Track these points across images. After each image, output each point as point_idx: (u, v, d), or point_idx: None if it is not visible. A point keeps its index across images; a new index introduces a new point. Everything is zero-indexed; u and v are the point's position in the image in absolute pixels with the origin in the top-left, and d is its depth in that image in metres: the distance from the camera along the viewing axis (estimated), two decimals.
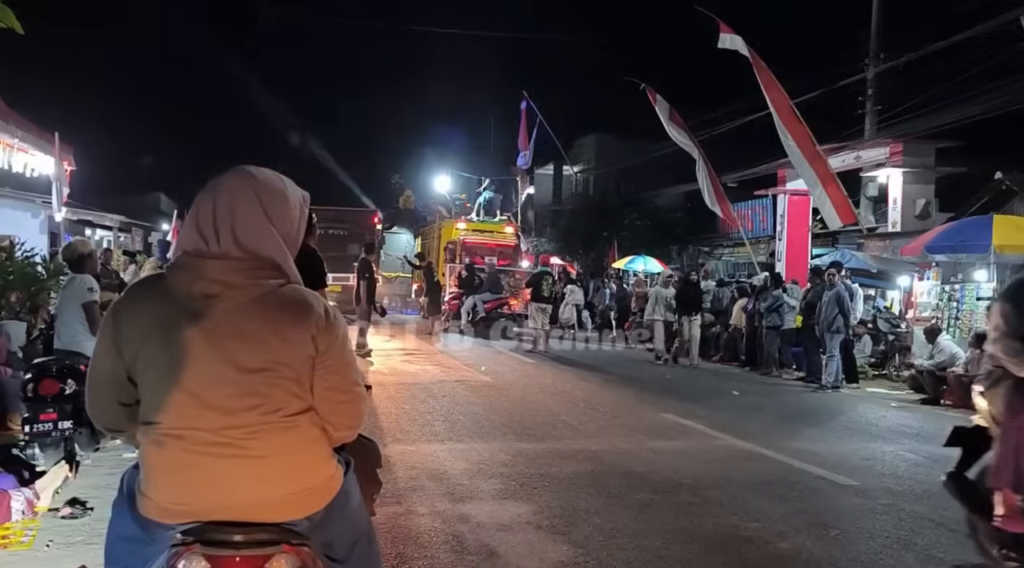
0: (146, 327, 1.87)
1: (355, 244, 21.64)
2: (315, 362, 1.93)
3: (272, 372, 1.88)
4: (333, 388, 1.96)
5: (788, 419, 9.73)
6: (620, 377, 13.00)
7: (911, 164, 18.36)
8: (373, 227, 25.13)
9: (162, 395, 1.85)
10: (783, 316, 14.33)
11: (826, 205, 14.76)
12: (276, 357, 1.88)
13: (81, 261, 6.57)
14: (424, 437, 7.75)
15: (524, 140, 27.86)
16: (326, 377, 1.95)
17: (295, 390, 1.91)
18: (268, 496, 1.87)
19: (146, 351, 1.86)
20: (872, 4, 19.81)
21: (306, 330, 1.90)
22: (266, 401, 1.87)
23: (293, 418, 1.91)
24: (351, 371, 2.01)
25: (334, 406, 1.98)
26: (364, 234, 23.23)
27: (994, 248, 11.75)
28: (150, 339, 1.86)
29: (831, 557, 4.74)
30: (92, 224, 21.41)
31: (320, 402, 1.96)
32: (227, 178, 1.99)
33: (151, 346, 1.86)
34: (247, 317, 1.87)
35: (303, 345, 1.90)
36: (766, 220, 23.29)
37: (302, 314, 1.91)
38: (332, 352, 1.95)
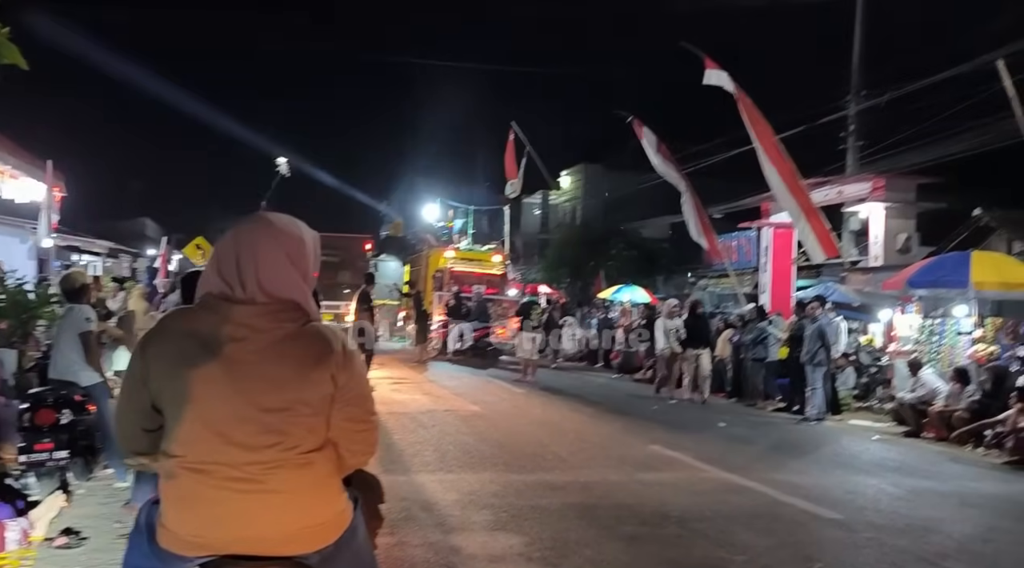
0: (173, 364, 1.96)
1: (346, 271, 21.48)
2: (335, 397, 2.03)
3: (292, 411, 1.98)
4: (351, 419, 2.07)
5: (773, 451, 9.86)
6: (607, 408, 13.10)
7: (892, 199, 18.68)
8: (364, 254, 24.92)
9: (187, 430, 1.95)
10: (768, 348, 14.51)
11: (809, 238, 14.98)
12: (297, 396, 1.98)
13: (79, 292, 6.64)
14: (415, 467, 7.82)
15: (512, 169, 28.10)
16: (344, 409, 2.05)
17: (313, 426, 2.01)
18: (283, 530, 1.96)
19: (171, 386, 1.95)
20: (854, 42, 20.26)
21: (326, 369, 2.01)
22: (285, 438, 1.97)
23: (309, 455, 2.00)
24: (368, 402, 2.13)
25: (352, 435, 2.08)
26: (356, 260, 23.08)
27: (973, 284, 11.97)
28: (176, 376, 1.95)
29: None
30: (80, 250, 21.36)
31: (338, 432, 2.06)
32: (248, 226, 2.10)
33: (177, 382, 1.95)
34: (271, 360, 1.98)
35: (323, 384, 2.01)
36: (751, 252, 23.53)
37: (323, 354, 2.02)
38: (351, 386, 2.05)
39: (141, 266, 28.41)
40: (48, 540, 5.00)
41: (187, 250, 23.39)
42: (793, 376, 13.81)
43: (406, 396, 13.40)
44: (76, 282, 6.69)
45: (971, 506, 7.30)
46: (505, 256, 25.69)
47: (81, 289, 6.63)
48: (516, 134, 27.14)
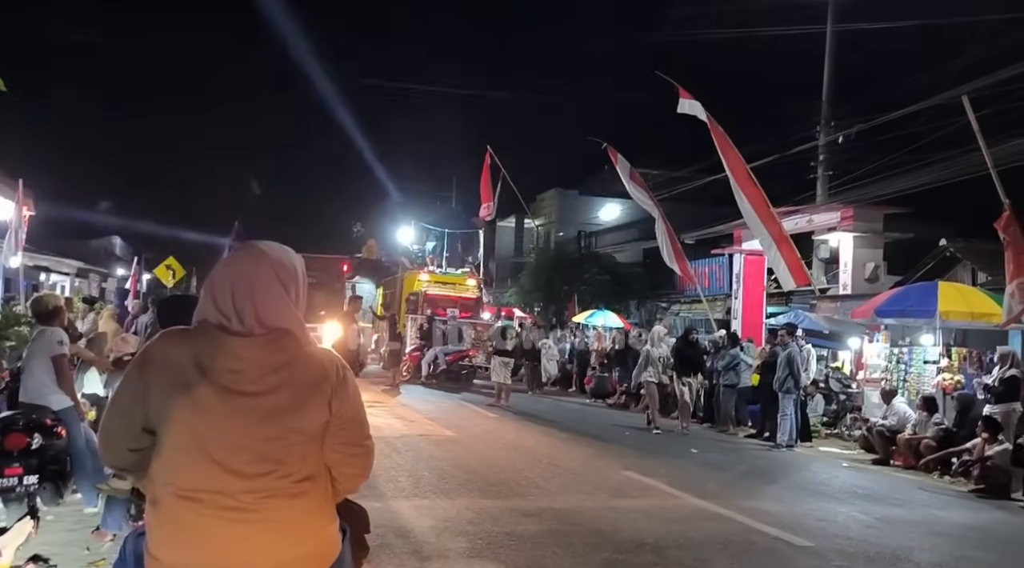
0: (170, 389, 1.95)
1: (322, 292, 20.71)
2: (330, 421, 2.05)
3: (287, 439, 1.99)
4: (346, 443, 2.09)
5: (746, 478, 9.93)
6: (581, 433, 13.12)
7: (861, 229, 19.02)
8: (342, 275, 24.02)
9: (181, 457, 1.94)
10: (740, 374, 14.65)
11: (780, 266, 15.17)
12: (294, 425, 2.00)
13: (51, 314, 6.56)
14: (389, 493, 7.78)
15: (487, 193, 28.22)
16: (340, 433, 2.07)
17: (308, 453, 2.03)
18: (274, 560, 1.97)
19: (167, 410, 1.94)
20: (824, 75, 20.72)
21: (323, 396, 2.04)
22: (280, 466, 1.98)
23: (302, 484, 2.01)
24: (363, 426, 2.14)
25: (346, 458, 2.10)
26: (333, 282, 22.14)
27: (940, 314, 12.21)
28: (172, 401, 1.94)
29: None
30: (49, 270, 21.09)
31: (332, 455, 2.07)
32: (242, 258, 2.12)
33: (173, 408, 1.94)
34: (267, 390, 1.99)
35: (319, 410, 2.03)
36: (722, 278, 23.79)
37: (319, 381, 2.04)
38: (345, 409, 2.08)
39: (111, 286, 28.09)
40: (16, 567, 4.92)
41: (158, 271, 23.20)
42: (764, 402, 13.95)
43: (379, 420, 13.29)
44: (48, 304, 6.61)
45: (939, 535, 7.40)
46: (479, 279, 25.74)
47: (53, 311, 6.55)
48: (492, 158, 27.28)
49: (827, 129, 20.38)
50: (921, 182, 17.22)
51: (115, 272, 33.53)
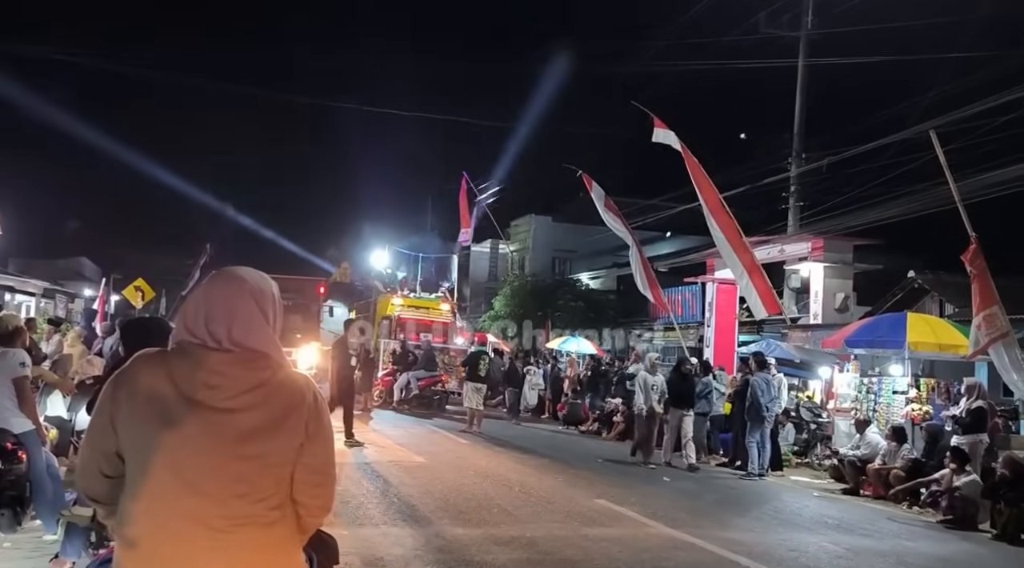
0: (143, 408, 1.92)
1: (298, 315, 20.19)
2: (303, 446, 2.01)
3: (264, 459, 1.96)
4: (314, 471, 2.04)
5: (717, 507, 9.92)
6: (553, 460, 13.05)
7: (831, 259, 19.29)
8: (319, 297, 23.48)
9: (153, 480, 1.89)
10: (712, 402, 14.68)
11: (752, 295, 15.28)
12: (270, 445, 1.96)
13: (11, 335, 6.42)
14: (358, 520, 7.66)
15: (465, 218, 28.29)
16: (309, 461, 2.03)
17: (281, 478, 1.99)
18: None
19: (142, 431, 1.91)
20: (795, 108, 21.09)
21: (300, 417, 2.01)
22: (253, 489, 1.94)
23: (274, 512, 1.97)
24: (331, 454, 2.11)
25: (312, 489, 2.05)
26: (310, 305, 21.74)
27: (909, 344, 12.35)
28: (147, 420, 1.90)
29: None
30: (14, 290, 20.72)
31: (299, 485, 2.03)
32: (220, 283, 2.10)
33: (148, 427, 1.90)
34: (244, 407, 1.96)
35: (296, 432, 2.00)
36: (695, 306, 23.93)
37: (296, 402, 2.02)
38: (319, 436, 2.05)
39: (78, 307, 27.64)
40: None
41: (127, 292, 22.88)
42: (736, 431, 13.98)
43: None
44: (8, 325, 6.46)
45: (907, 565, 7.44)
46: (453, 304, 25.68)
47: (14, 333, 6.40)
48: (468, 184, 27.38)
49: (798, 161, 20.71)
50: (890, 214, 17.53)
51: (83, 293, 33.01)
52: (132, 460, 1.93)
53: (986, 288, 10.48)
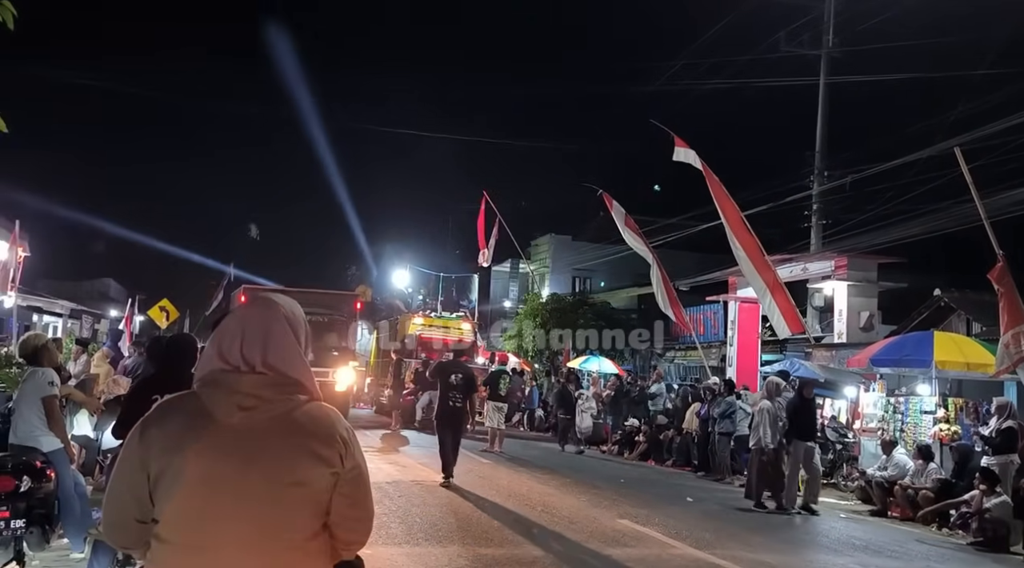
0: (178, 439, 1.92)
1: (334, 334, 19.18)
2: (339, 478, 2.00)
3: (301, 488, 1.95)
4: (352, 504, 2.04)
5: (742, 527, 9.81)
6: (575, 480, 12.98)
7: (855, 278, 19.12)
8: (355, 314, 21.67)
9: (186, 506, 1.89)
10: (736, 422, 14.56)
11: (775, 314, 15.19)
12: (306, 473, 1.95)
13: (36, 354, 6.49)
14: (381, 540, 7.65)
15: (483, 238, 28.34)
16: (347, 493, 2.02)
17: (317, 508, 1.98)
18: None
19: (176, 463, 1.89)
20: (817, 125, 21.03)
21: (334, 447, 2.00)
22: (291, 516, 1.93)
23: (308, 543, 1.96)
24: (367, 486, 2.10)
25: (350, 523, 2.05)
26: (348, 322, 20.24)
27: (936, 363, 12.21)
28: (181, 450, 1.90)
29: None
30: (42, 311, 21.01)
31: (336, 518, 2.02)
32: (255, 308, 2.14)
33: (182, 457, 1.89)
34: (280, 432, 1.96)
35: (331, 461, 1.98)
36: (717, 326, 23.80)
37: (330, 431, 2.01)
38: (355, 469, 2.04)
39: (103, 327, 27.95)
40: None
41: (152, 312, 23.12)
42: None
43: (371, 465, 13.10)
44: (31, 345, 6.56)
45: None
46: (474, 323, 25.67)
47: (37, 351, 6.48)
48: (488, 203, 27.46)
49: (820, 178, 20.61)
50: (915, 232, 17.39)
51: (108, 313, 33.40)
52: (167, 491, 1.90)
53: (1014, 306, 10.34)
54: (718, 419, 14.75)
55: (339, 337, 19.45)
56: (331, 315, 19.70)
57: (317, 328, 18.85)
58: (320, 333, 18.58)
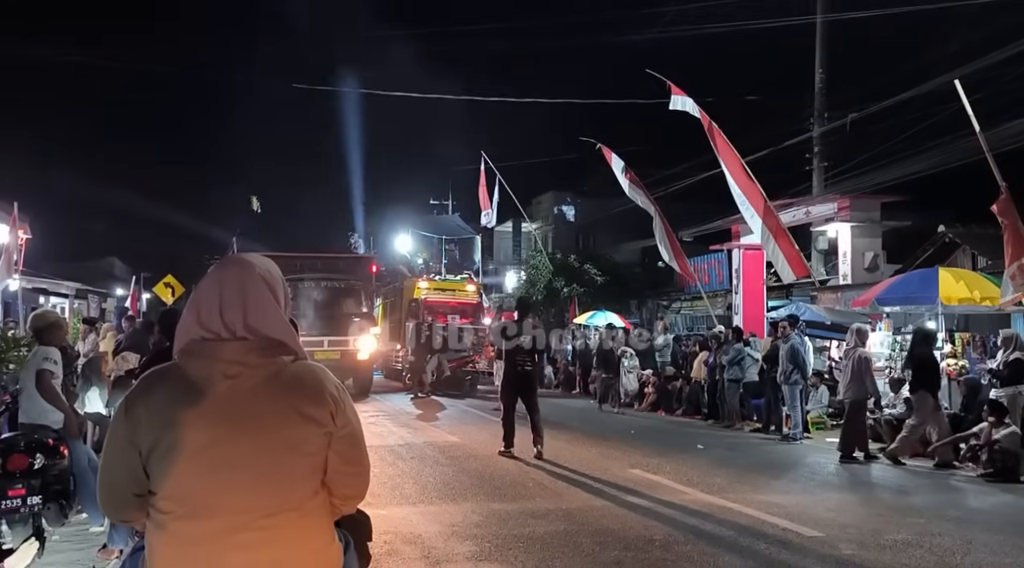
0: (165, 413, 1.89)
1: (351, 299, 18.58)
2: (332, 437, 1.99)
3: (294, 450, 1.93)
4: (347, 461, 2.03)
5: (752, 471, 9.88)
6: (585, 433, 13.08)
7: (858, 219, 19.02)
8: (371, 277, 20.73)
9: (182, 480, 1.88)
10: (744, 369, 14.61)
11: (779, 259, 15.15)
12: (298, 434, 1.94)
13: (39, 334, 6.54)
14: (395, 500, 7.75)
15: (485, 200, 28.24)
16: (341, 450, 2.01)
17: (314, 467, 1.97)
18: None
19: (167, 437, 1.88)
20: (815, 65, 20.72)
21: (324, 406, 1.97)
22: (286, 480, 1.92)
23: (306, 503, 1.96)
24: (362, 443, 2.09)
25: (345, 479, 2.04)
26: (366, 286, 19.46)
27: (941, 300, 12.17)
28: (170, 424, 1.88)
29: None
30: (47, 292, 21.06)
31: (332, 475, 2.01)
32: (229, 269, 2.06)
33: (172, 430, 1.88)
34: (267, 397, 1.94)
35: (322, 420, 1.96)
36: (722, 274, 23.79)
37: (318, 390, 1.99)
38: (347, 426, 2.02)
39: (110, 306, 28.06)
40: None
41: (157, 288, 23.16)
42: (768, 396, 13.92)
43: (383, 429, 13.30)
44: (33, 325, 6.60)
45: (949, 520, 7.36)
46: (478, 285, 25.69)
47: (44, 330, 6.51)
48: (487, 163, 27.31)
49: (820, 120, 20.39)
50: (917, 169, 17.26)
51: (114, 292, 33.51)
52: (160, 466, 1.89)
53: (1018, 237, 10.28)
54: (726, 366, 14.80)
55: (356, 303, 18.83)
56: (347, 280, 19.05)
57: (334, 294, 18.50)
58: (338, 299, 18.41)
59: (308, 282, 18.17)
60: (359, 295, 18.91)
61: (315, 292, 18.23)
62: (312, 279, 18.35)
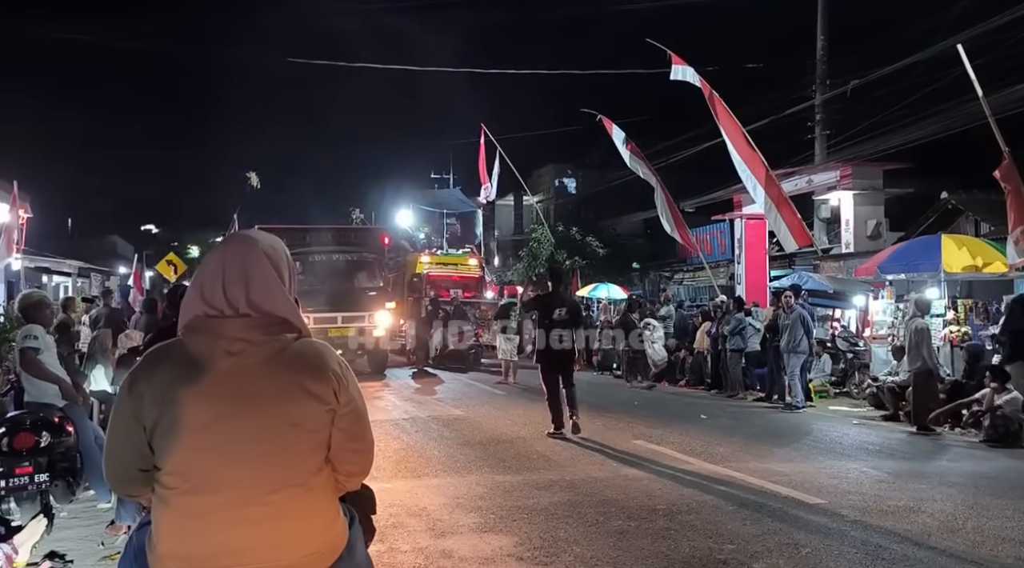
0: (169, 390, 1.90)
1: (364, 272, 17.83)
2: (335, 414, 2.00)
3: (298, 427, 1.94)
4: (351, 438, 2.04)
5: (755, 441, 9.93)
6: (589, 405, 13.00)
7: (860, 186, 18.93)
8: (383, 249, 19.75)
9: (186, 456, 1.89)
10: (746, 339, 14.63)
11: (781, 228, 15.09)
12: (301, 411, 1.94)
13: (25, 313, 6.59)
14: (400, 473, 7.81)
15: (484, 173, 28.10)
16: (345, 427, 2.02)
17: (318, 443, 1.98)
18: (282, 558, 1.92)
19: (170, 413, 1.89)
20: (817, 32, 20.51)
21: (327, 383, 1.98)
22: (290, 457, 1.93)
23: (310, 478, 1.97)
24: (366, 420, 2.09)
25: (349, 455, 2.05)
26: (379, 259, 18.57)
27: (943, 267, 12.15)
28: (173, 401, 1.89)
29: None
30: (50, 271, 21.07)
31: (336, 452, 2.02)
32: (233, 245, 2.08)
33: (175, 407, 1.88)
34: (270, 374, 1.94)
35: (325, 398, 1.97)
36: (724, 244, 23.75)
37: (321, 367, 1.99)
38: (350, 403, 2.03)
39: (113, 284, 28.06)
40: (32, 565, 4.94)
41: (160, 266, 23.23)
42: (771, 366, 13.95)
43: (387, 402, 13.36)
44: (20, 304, 6.69)
45: (951, 485, 7.40)
46: (480, 259, 25.65)
47: (26, 309, 6.56)
48: (487, 136, 27.14)
49: (822, 88, 20.22)
50: (920, 135, 17.14)
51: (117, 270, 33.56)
52: (164, 441, 1.90)
53: (1021, 202, 10.25)
54: (728, 337, 14.81)
55: (370, 276, 18.07)
56: (360, 253, 18.27)
57: (346, 267, 17.68)
58: (351, 273, 17.62)
59: (319, 255, 17.42)
60: (372, 268, 18.13)
61: (326, 266, 17.45)
62: (323, 252, 17.57)
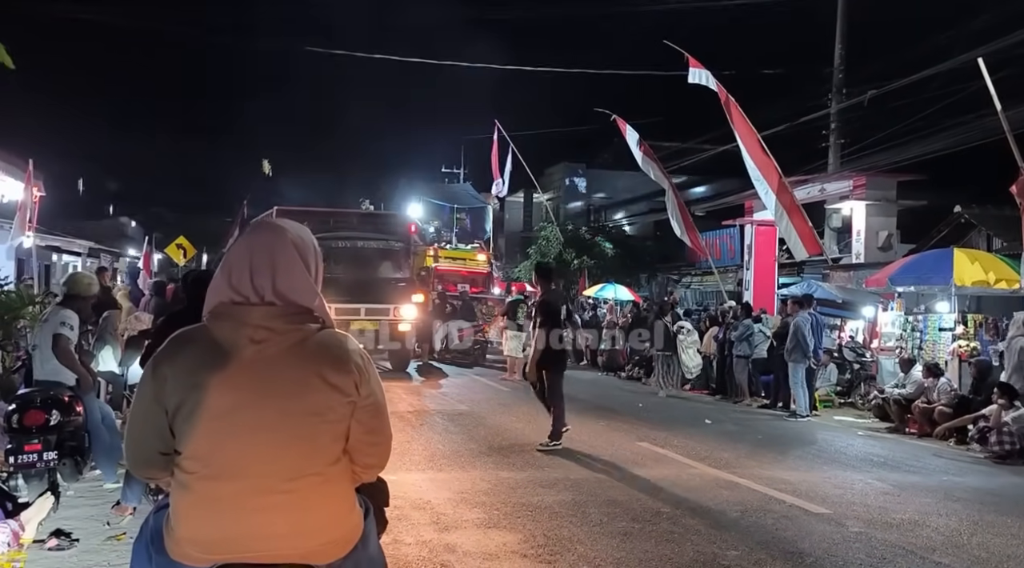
0: (191, 375, 1.91)
1: (389, 262, 16.45)
2: (355, 407, 2.01)
3: (318, 417, 1.95)
4: (369, 431, 2.04)
5: (760, 447, 9.92)
6: (594, 406, 13.11)
7: (873, 197, 18.87)
8: (411, 238, 18.20)
9: (207, 441, 1.90)
10: (753, 345, 14.59)
11: (792, 236, 15.06)
12: (322, 401, 1.95)
13: (67, 299, 6.53)
14: (404, 466, 7.81)
15: (497, 169, 28.10)
16: (364, 420, 2.02)
17: (336, 435, 1.99)
18: (298, 546, 1.93)
19: (192, 398, 1.90)
20: (835, 41, 20.45)
21: (349, 375, 1.98)
22: (309, 446, 1.94)
23: (329, 468, 1.97)
24: (385, 414, 2.10)
25: (367, 448, 2.06)
26: (405, 248, 17.06)
27: (955, 281, 12.11)
28: (196, 386, 1.90)
29: None
30: (60, 250, 21.13)
31: (354, 444, 2.03)
32: (261, 234, 2.08)
33: (197, 392, 1.89)
34: (293, 363, 1.95)
35: (346, 389, 1.98)
36: (734, 250, 23.70)
37: (343, 359, 2.00)
38: (371, 396, 2.03)
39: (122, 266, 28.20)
40: (39, 543, 4.96)
41: (169, 249, 23.30)
42: (777, 373, 13.91)
43: (391, 395, 13.36)
44: (80, 288, 6.52)
45: (956, 500, 7.38)
46: (489, 254, 25.65)
47: (74, 298, 6.48)
48: (500, 133, 27.13)
49: (839, 96, 20.16)
50: (935, 148, 17.07)
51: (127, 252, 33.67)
52: (186, 426, 1.91)
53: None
54: (735, 342, 14.78)
55: (396, 266, 16.61)
56: (385, 240, 16.83)
57: (372, 256, 16.23)
58: (375, 261, 16.38)
59: (343, 242, 16.00)
60: (399, 258, 16.66)
61: (350, 254, 15.96)
62: (347, 238, 16.19)
